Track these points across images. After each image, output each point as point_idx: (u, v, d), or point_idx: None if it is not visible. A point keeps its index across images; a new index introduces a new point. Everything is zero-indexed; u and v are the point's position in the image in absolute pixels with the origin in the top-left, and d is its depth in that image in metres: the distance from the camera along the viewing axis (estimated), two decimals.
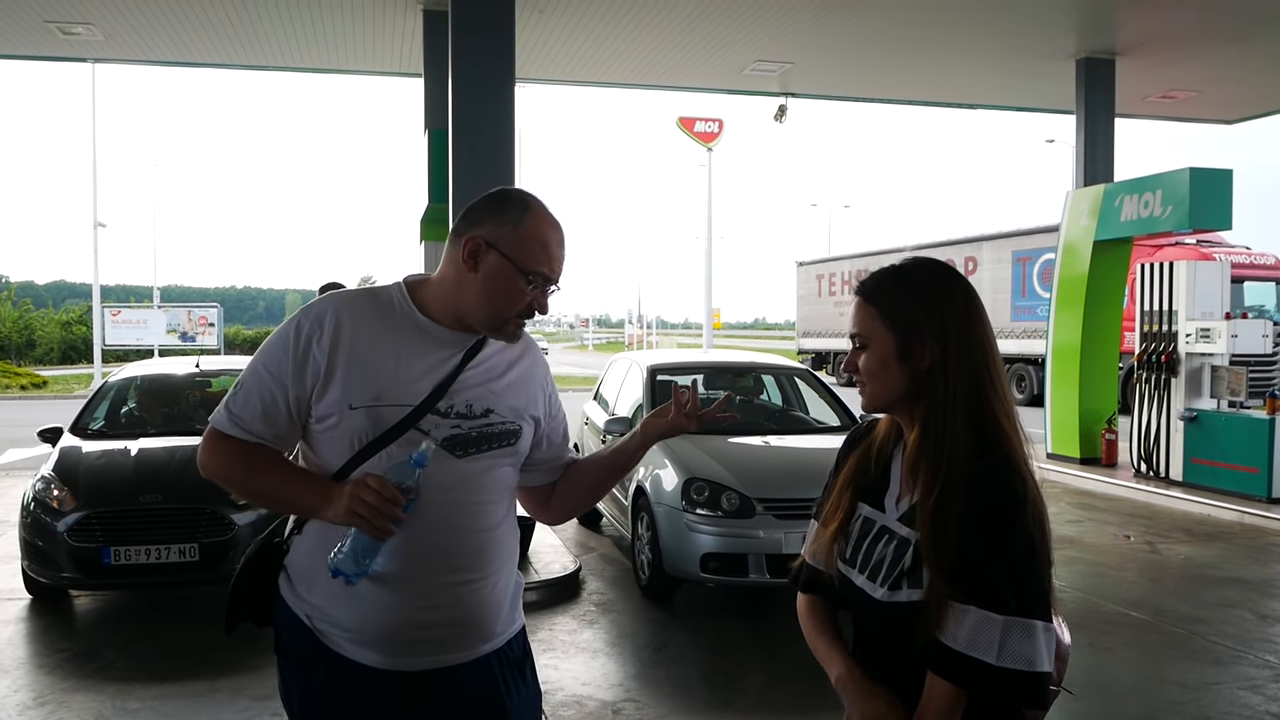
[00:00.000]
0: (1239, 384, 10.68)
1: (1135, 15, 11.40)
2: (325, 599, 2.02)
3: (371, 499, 1.88)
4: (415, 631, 2.02)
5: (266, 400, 2.02)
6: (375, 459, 1.99)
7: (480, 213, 2.08)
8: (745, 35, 12.07)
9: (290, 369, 2.01)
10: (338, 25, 11.66)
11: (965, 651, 1.67)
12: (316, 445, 2.06)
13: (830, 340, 30.85)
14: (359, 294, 2.13)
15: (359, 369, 2.01)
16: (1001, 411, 1.79)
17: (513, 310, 2.06)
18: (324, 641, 2.03)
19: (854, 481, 1.94)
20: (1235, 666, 5.70)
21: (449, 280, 2.08)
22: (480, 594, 2.09)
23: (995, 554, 1.68)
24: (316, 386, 2.01)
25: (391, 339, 2.05)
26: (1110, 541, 8.86)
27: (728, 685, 5.45)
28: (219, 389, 8.68)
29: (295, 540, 2.11)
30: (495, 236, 2.03)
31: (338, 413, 2.00)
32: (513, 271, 2.03)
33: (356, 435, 2.00)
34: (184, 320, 31.61)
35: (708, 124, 33.03)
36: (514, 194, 2.11)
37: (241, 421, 2.03)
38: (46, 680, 5.44)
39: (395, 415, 2.00)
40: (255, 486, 2.09)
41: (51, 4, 10.89)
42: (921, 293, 1.82)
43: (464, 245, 2.05)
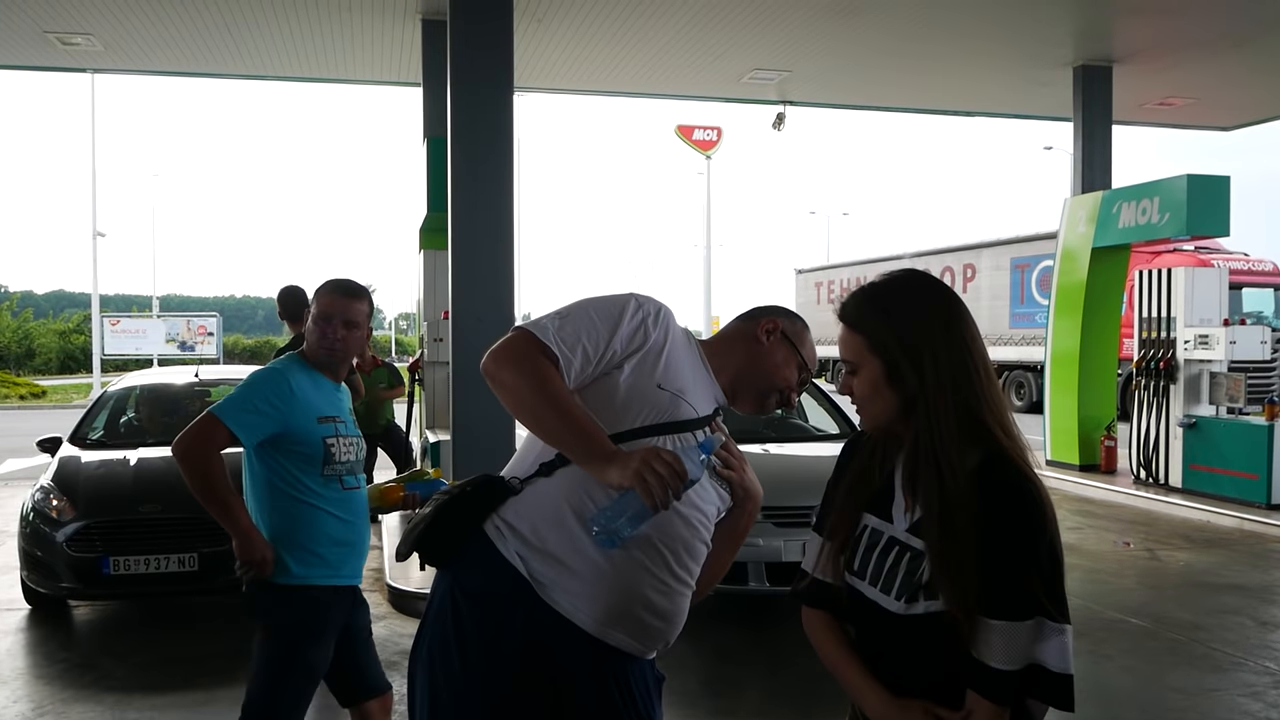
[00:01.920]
0: (1238, 390, 10.69)
1: (1132, 23, 11.43)
2: (561, 544, 2.06)
3: (663, 469, 1.91)
4: (633, 608, 2.10)
5: (588, 338, 2.11)
6: (659, 441, 2.10)
7: (774, 310, 2.46)
8: (743, 43, 12.10)
9: (624, 327, 2.15)
10: (336, 35, 11.68)
11: (1002, 668, 1.69)
12: (608, 405, 2.12)
13: (830, 348, 30.42)
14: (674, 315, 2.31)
15: (675, 363, 2.20)
16: (995, 421, 1.79)
17: (776, 386, 2.36)
18: (537, 592, 2.06)
19: (857, 492, 1.93)
20: (1235, 673, 5.70)
21: (735, 346, 2.38)
22: (685, 599, 2.22)
23: (1022, 566, 1.69)
24: (639, 354, 2.15)
25: (690, 365, 2.26)
26: (1110, 548, 8.86)
27: (728, 693, 5.44)
28: (218, 398, 8.68)
29: (535, 484, 2.13)
30: (790, 332, 2.40)
31: (647, 387, 2.14)
32: (792, 356, 2.37)
33: (653, 411, 2.12)
34: (183, 329, 31.64)
35: (706, 132, 33.13)
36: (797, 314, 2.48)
37: (563, 342, 2.09)
38: (46, 691, 5.44)
39: (689, 412, 2.17)
40: (546, 406, 2.05)
41: (51, 14, 10.91)
42: (898, 317, 1.84)
43: (762, 325, 2.37)
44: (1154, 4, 10.67)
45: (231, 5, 10.63)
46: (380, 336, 70.29)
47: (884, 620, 1.82)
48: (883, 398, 1.85)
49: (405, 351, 53.13)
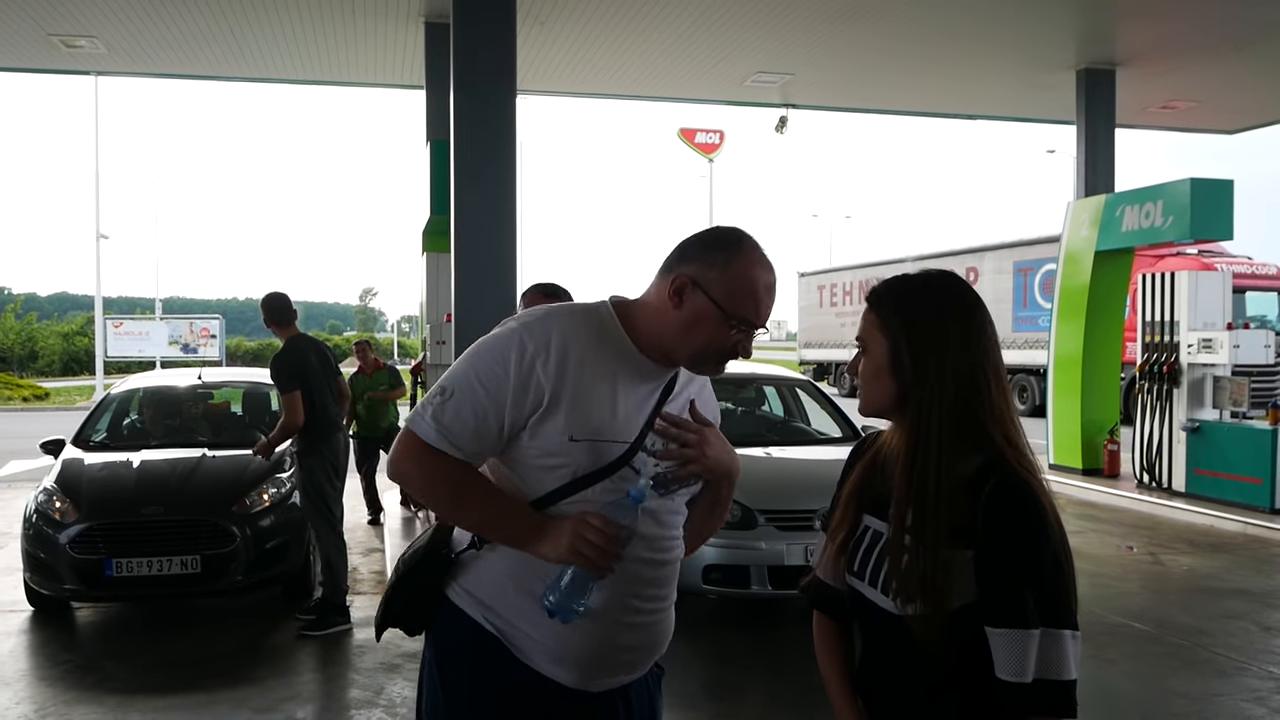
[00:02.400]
0: (1241, 394, 10.68)
1: (1135, 26, 11.44)
2: (521, 617, 1.99)
3: (597, 539, 1.86)
4: (611, 655, 2.04)
5: (480, 418, 1.94)
6: (587, 492, 1.96)
7: (691, 250, 2.02)
8: (746, 47, 12.11)
9: (511, 390, 1.93)
10: (339, 37, 11.69)
11: (1011, 679, 1.68)
12: (522, 470, 1.99)
13: (832, 351, 30.83)
14: (576, 315, 2.05)
15: (583, 400, 1.95)
16: (998, 429, 1.78)
17: (714, 351, 2.01)
18: (511, 651, 2.01)
19: (859, 494, 1.93)
20: (1239, 678, 5.68)
21: (654, 312, 2.03)
22: (667, 617, 2.15)
23: (1024, 574, 1.68)
24: (537, 413, 1.94)
25: (608, 369, 2.00)
26: (1113, 552, 8.84)
27: (730, 698, 5.43)
28: (221, 401, 8.69)
29: (482, 557, 2.05)
30: (703, 277, 1.97)
31: (557, 446, 1.94)
32: (717, 314, 1.97)
33: (574, 468, 1.96)
34: (186, 332, 31.71)
35: (709, 135, 33.16)
36: (728, 233, 2.04)
37: (451, 436, 1.94)
38: (48, 692, 5.44)
39: (614, 451, 1.97)
40: (461, 511, 2.03)
41: (55, 17, 10.94)
42: (917, 306, 1.83)
43: (671, 282, 1.99)
44: (1157, 7, 10.68)
45: (234, 8, 10.66)
46: (382, 339, 70.37)
47: (882, 621, 1.82)
48: (881, 383, 1.84)
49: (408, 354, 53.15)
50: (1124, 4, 10.80)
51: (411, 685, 5.45)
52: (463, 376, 1.97)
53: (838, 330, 30.38)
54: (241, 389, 8.87)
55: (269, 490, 6.74)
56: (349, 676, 5.61)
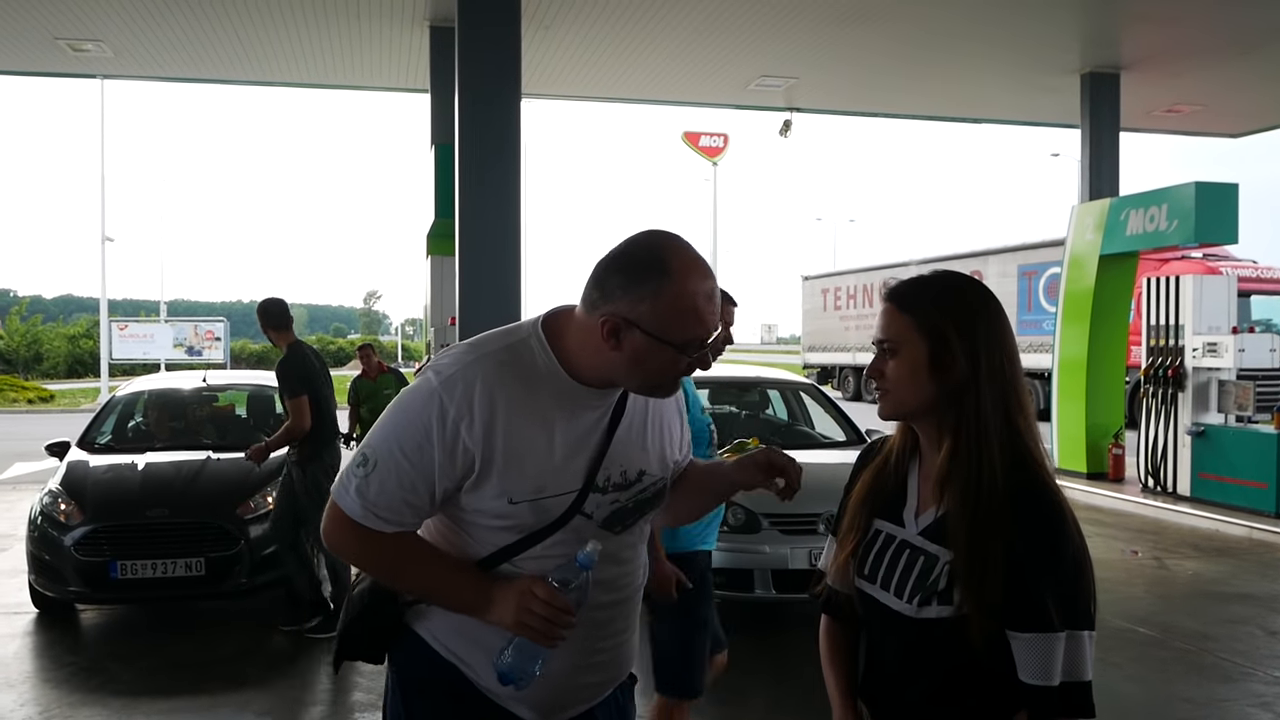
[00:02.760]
0: (1246, 399, 10.65)
1: (1140, 30, 11.43)
2: (478, 665, 1.92)
3: (543, 610, 1.76)
4: (574, 690, 1.99)
5: (407, 489, 1.81)
6: (538, 548, 1.87)
7: (611, 281, 1.80)
8: (750, 51, 12.12)
9: (437, 460, 1.79)
10: (344, 41, 11.72)
11: (1035, 682, 1.68)
12: (466, 529, 1.90)
13: (836, 354, 30.81)
14: (503, 355, 1.87)
15: (516, 460, 1.81)
16: (1027, 428, 1.78)
17: (669, 377, 1.86)
18: (477, 687, 1.93)
19: (869, 499, 1.92)
20: (1244, 683, 5.67)
21: (591, 346, 1.83)
22: (629, 645, 2.08)
23: (1048, 576, 1.68)
24: (470, 479, 1.81)
25: (543, 412, 1.84)
26: (1118, 557, 8.83)
27: (733, 701, 5.42)
28: (225, 403, 8.70)
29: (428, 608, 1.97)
30: (634, 313, 1.77)
31: (498, 509, 1.84)
32: (663, 348, 1.79)
33: (519, 528, 1.85)
34: (190, 334, 31.73)
35: (713, 139, 33.13)
36: (647, 254, 1.80)
37: (378, 511, 1.82)
38: (53, 694, 5.44)
39: (560, 505, 1.85)
40: (401, 580, 1.94)
41: (61, 21, 10.97)
42: (957, 306, 1.80)
43: (602, 326, 1.79)
44: (1161, 11, 10.68)
45: (240, 12, 10.68)
46: (386, 342, 70.44)
47: (893, 623, 1.82)
48: (919, 384, 1.79)
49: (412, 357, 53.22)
50: (1128, 8, 10.80)
51: None
52: (384, 445, 1.82)
53: (841, 334, 30.36)
54: (246, 392, 8.88)
55: (273, 493, 6.74)
56: (353, 679, 5.61)
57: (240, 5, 10.48)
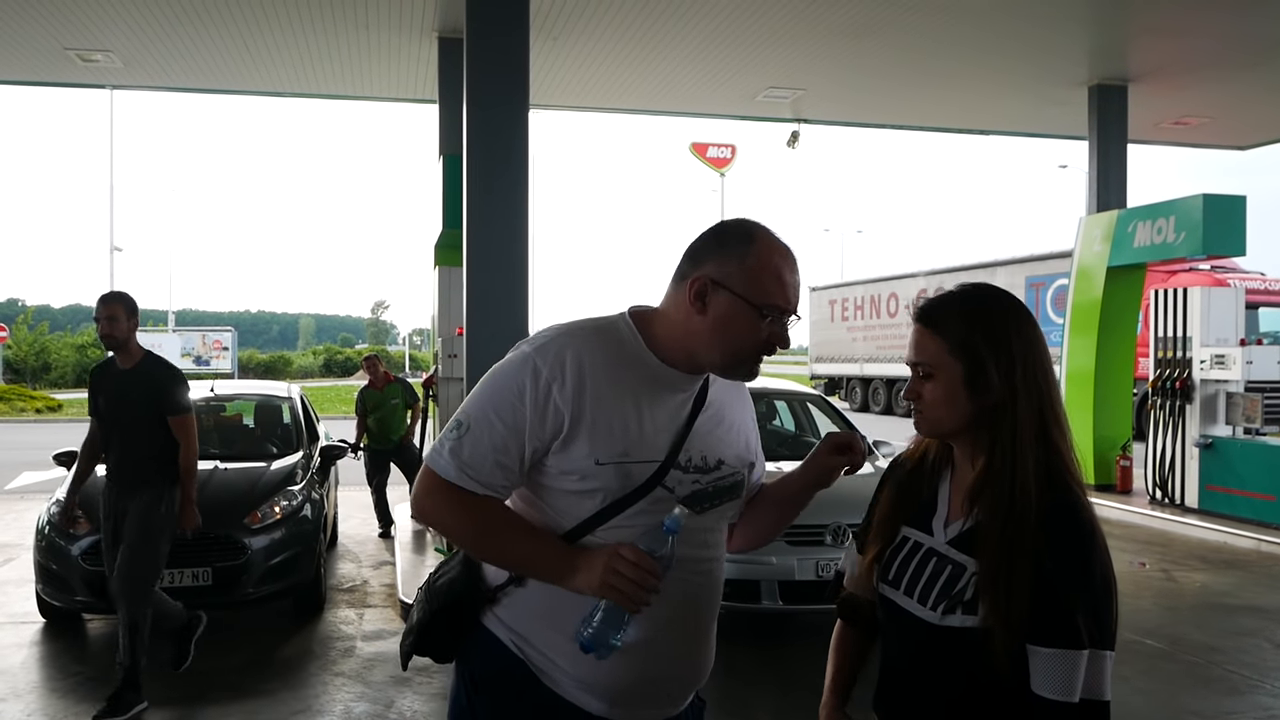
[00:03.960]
0: (1254, 411, 10.64)
1: (1148, 42, 11.43)
2: (556, 650, 1.92)
3: (630, 572, 1.77)
4: (646, 686, 1.96)
5: (500, 449, 1.86)
6: (621, 517, 1.89)
7: (704, 250, 1.94)
8: (758, 62, 12.13)
9: (530, 419, 1.85)
10: (353, 52, 11.76)
11: (1055, 698, 1.67)
12: (551, 497, 1.92)
13: (843, 365, 30.78)
14: (592, 332, 1.96)
15: (605, 421, 1.86)
16: (1062, 444, 1.78)
17: (749, 349, 1.92)
18: (542, 680, 1.94)
19: (898, 508, 1.93)
20: (1252, 696, 5.65)
21: (677, 322, 1.94)
22: (704, 646, 2.06)
23: (1078, 593, 1.68)
24: (559, 439, 1.86)
25: (631, 385, 1.91)
26: (1125, 569, 8.80)
27: (739, 711, 5.42)
28: (233, 413, 8.72)
29: (515, 592, 1.97)
30: (723, 274, 1.89)
31: (584, 469, 1.86)
32: (745, 309, 1.88)
33: (604, 493, 1.88)
34: (198, 344, 31.84)
35: (721, 150, 33.17)
36: (738, 225, 1.97)
37: (472, 471, 1.87)
38: (60, 704, 5.45)
39: (644, 472, 1.88)
40: (488, 546, 1.95)
41: (71, 32, 11.02)
42: (989, 323, 1.79)
43: (690, 287, 1.90)
44: (1169, 23, 10.68)
45: (249, 22, 10.73)
46: (394, 352, 70.51)
47: (914, 629, 1.81)
48: (958, 405, 1.80)
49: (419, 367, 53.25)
50: (1136, 20, 10.80)
51: (422, 699, 5.46)
52: (478, 409, 1.90)
53: (849, 345, 30.33)
54: (253, 402, 8.90)
55: (280, 503, 6.76)
56: (359, 690, 5.61)
57: (249, 16, 10.53)
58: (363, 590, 7.84)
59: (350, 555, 9.00)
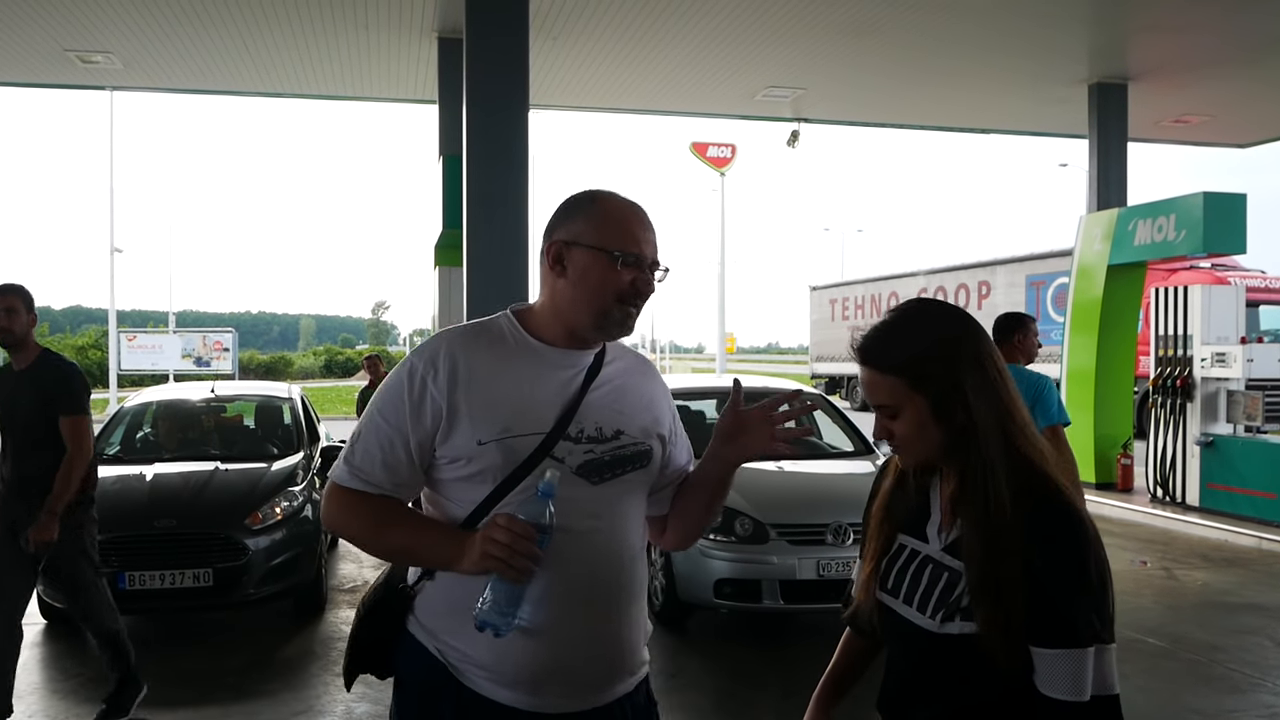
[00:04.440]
0: (1255, 409, 10.63)
1: (1148, 41, 11.43)
2: (465, 642, 1.93)
3: (504, 538, 1.80)
4: (559, 672, 1.94)
5: (386, 448, 1.95)
6: (512, 494, 1.91)
7: (553, 222, 2.04)
8: (757, 61, 12.13)
9: (408, 414, 1.94)
10: (353, 53, 11.76)
11: (1066, 698, 1.67)
12: (446, 490, 1.99)
13: (844, 365, 30.77)
14: (468, 329, 2.07)
15: (482, 403, 1.93)
16: (1031, 448, 1.77)
17: (612, 298, 1.97)
18: (459, 678, 1.95)
19: (890, 514, 1.92)
20: (1254, 694, 5.65)
21: (547, 299, 2.03)
22: (620, 625, 2.03)
23: (1075, 591, 1.67)
24: (440, 428, 1.93)
25: (510, 368, 1.98)
26: (1126, 567, 8.80)
27: (742, 712, 5.42)
28: (234, 414, 8.72)
29: (426, 586, 2.01)
30: (572, 234, 1.99)
31: (468, 452, 1.92)
32: (599, 256, 1.96)
33: (490, 472, 1.92)
34: (199, 345, 31.75)
35: (720, 149, 33.08)
36: (580, 192, 2.07)
37: (362, 473, 1.96)
38: (60, 706, 5.45)
39: (528, 445, 1.92)
40: (386, 543, 2.03)
41: (71, 33, 11.02)
42: (934, 350, 1.79)
43: (548, 255, 2.01)
44: (1169, 21, 10.67)
45: (249, 23, 10.73)
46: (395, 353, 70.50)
47: (914, 637, 1.81)
48: (929, 436, 1.80)
49: None
50: (1136, 18, 10.80)
51: None
52: (367, 417, 2.00)
53: (849, 344, 30.26)
54: (254, 403, 8.90)
55: (281, 504, 6.75)
56: (360, 690, 5.61)
57: (249, 17, 10.53)
58: (363, 590, 7.83)
59: (351, 556, 9.00)
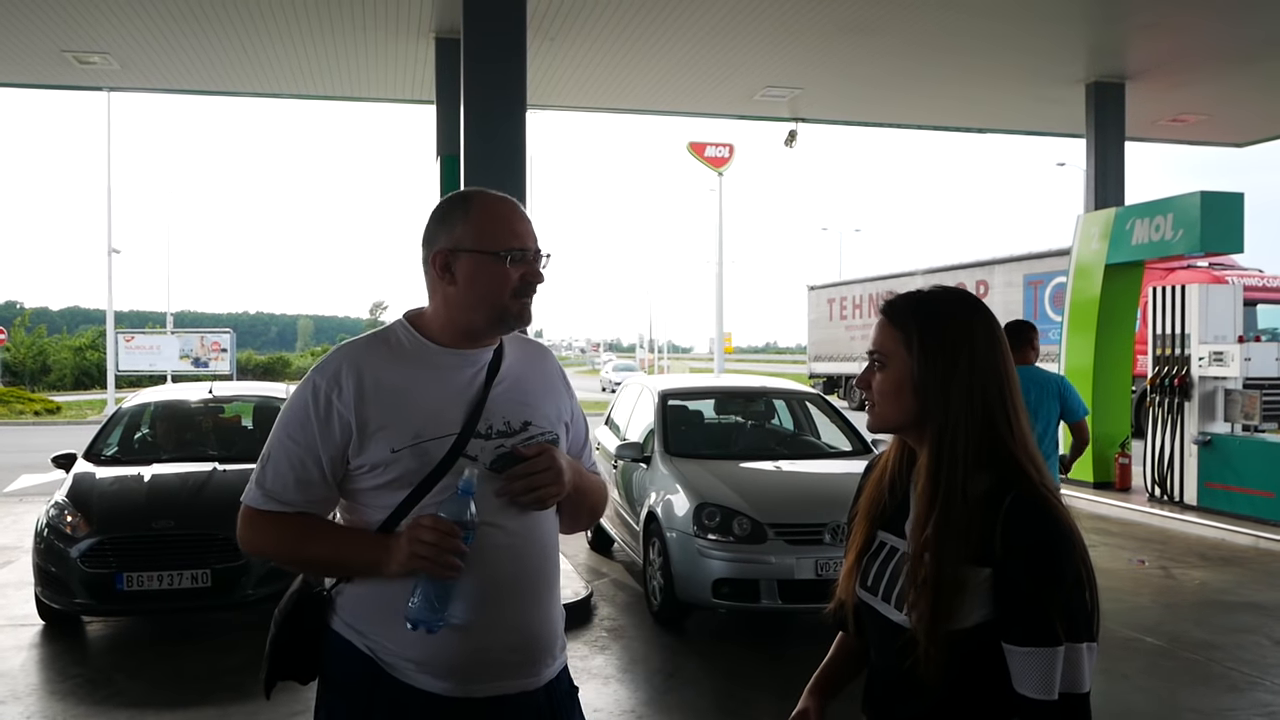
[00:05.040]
0: (1253, 408, 10.64)
1: (1145, 40, 11.43)
2: (395, 639, 1.96)
3: (430, 538, 1.84)
4: (484, 656, 1.98)
5: (297, 467, 1.98)
6: (430, 496, 1.95)
7: (431, 231, 2.06)
8: (755, 61, 12.13)
9: (316, 432, 1.97)
10: (351, 53, 11.75)
11: (1037, 696, 1.67)
12: (362, 497, 2.01)
13: (842, 364, 30.79)
14: (365, 341, 2.09)
15: (391, 413, 1.96)
16: (1018, 444, 1.77)
17: (506, 295, 2.01)
18: (389, 672, 1.98)
19: (871, 511, 1.93)
20: (1252, 693, 5.65)
21: (438, 304, 2.06)
22: (542, 613, 2.07)
23: (1048, 590, 1.67)
24: (351, 443, 1.97)
25: (413, 374, 2.02)
26: (1124, 566, 8.81)
27: (740, 711, 5.42)
28: (232, 415, 8.71)
29: (345, 589, 2.05)
30: (454, 241, 2.01)
31: (383, 461, 1.95)
32: (486, 260, 1.99)
33: (406, 477, 1.95)
34: (197, 346, 31.78)
35: (718, 149, 33.10)
36: (451, 197, 2.11)
37: (276, 495, 2.00)
38: (59, 706, 5.45)
39: (440, 448, 1.96)
40: (308, 557, 2.07)
41: (68, 34, 11.01)
42: (945, 323, 1.81)
43: (434, 265, 2.03)
44: (1166, 21, 10.68)
45: (247, 24, 10.72)
46: None
47: (892, 633, 1.81)
48: (902, 400, 1.81)
49: None
50: (1133, 18, 10.80)
51: None
52: (274, 438, 2.03)
53: (848, 343, 30.34)
54: (252, 403, 8.89)
55: None
56: None
57: (246, 18, 10.52)
58: None
59: None
